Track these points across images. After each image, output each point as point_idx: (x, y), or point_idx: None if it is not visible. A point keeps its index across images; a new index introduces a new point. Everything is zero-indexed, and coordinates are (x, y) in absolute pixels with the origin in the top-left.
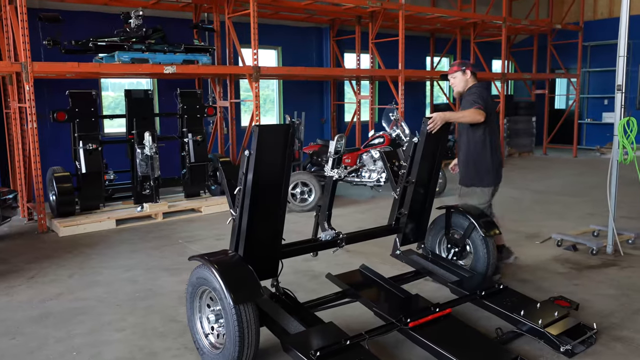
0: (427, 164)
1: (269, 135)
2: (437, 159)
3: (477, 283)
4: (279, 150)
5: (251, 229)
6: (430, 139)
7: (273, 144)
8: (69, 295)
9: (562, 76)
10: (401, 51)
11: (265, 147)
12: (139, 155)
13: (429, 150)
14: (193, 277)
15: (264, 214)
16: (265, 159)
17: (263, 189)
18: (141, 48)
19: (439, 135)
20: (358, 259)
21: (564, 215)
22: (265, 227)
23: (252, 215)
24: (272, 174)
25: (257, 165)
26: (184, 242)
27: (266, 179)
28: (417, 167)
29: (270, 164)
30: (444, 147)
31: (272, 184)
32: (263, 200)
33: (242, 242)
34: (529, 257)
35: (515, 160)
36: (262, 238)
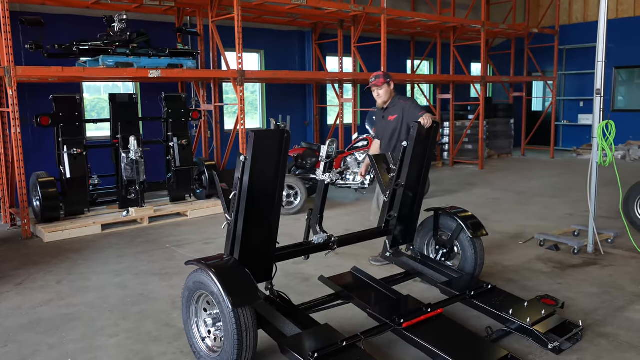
0: (416, 167)
1: (264, 140)
2: (426, 162)
3: (466, 283)
4: (273, 156)
5: (246, 233)
6: (420, 143)
7: (268, 150)
8: (59, 301)
9: (539, 79)
10: (383, 55)
11: (260, 153)
12: (124, 160)
13: (418, 154)
14: (190, 282)
15: (259, 219)
16: (261, 165)
17: (258, 194)
18: (125, 52)
19: (429, 139)
20: (348, 261)
21: (544, 215)
22: (260, 232)
23: (248, 220)
24: (267, 179)
25: (253, 171)
26: (171, 246)
27: (261, 184)
28: (406, 170)
29: (265, 170)
30: (433, 150)
31: (267, 189)
32: (258, 205)
33: (237, 246)
34: (514, 257)
35: (494, 162)
36: (257, 242)
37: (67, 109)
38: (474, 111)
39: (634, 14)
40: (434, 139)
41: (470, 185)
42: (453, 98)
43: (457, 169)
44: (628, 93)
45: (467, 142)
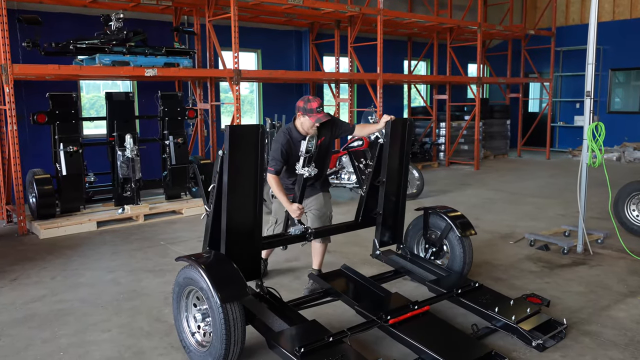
0: (395, 164)
1: (240, 134)
2: (404, 159)
3: (453, 281)
4: (251, 150)
5: (230, 229)
6: (395, 140)
7: (245, 144)
8: (52, 297)
9: (536, 80)
10: (379, 55)
11: (238, 147)
12: (120, 158)
13: (395, 150)
14: (180, 277)
15: (241, 214)
16: (239, 159)
17: (238, 188)
18: (122, 51)
19: (403, 137)
20: (339, 259)
21: (536, 216)
22: (245, 227)
23: (231, 215)
24: (246, 174)
25: (231, 165)
26: (166, 243)
27: (241, 178)
28: (385, 167)
29: (244, 164)
30: (409, 148)
31: (246, 183)
32: (239, 200)
33: (223, 242)
34: (503, 256)
35: (490, 163)
36: (243, 238)
37: (63, 107)
38: (470, 112)
39: (630, 16)
40: (409, 138)
41: (465, 186)
42: (449, 99)
43: (452, 169)
44: (624, 95)
45: (463, 143)
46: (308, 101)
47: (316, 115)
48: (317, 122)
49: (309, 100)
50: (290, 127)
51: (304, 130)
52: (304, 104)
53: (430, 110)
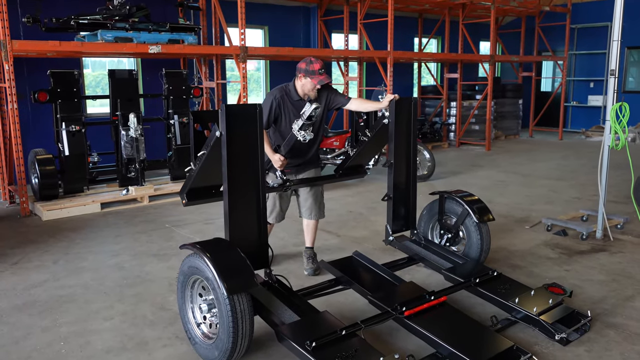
0: (402, 146)
1: (237, 115)
2: (412, 140)
3: (470, 270)
4: (250, 130)
5: (233, 215)
6: (400, 120)
7: (243, 124)
8: (54, 282)
9: (550, 58)
10: (390, 32)
11: (235, 128)
12: (123, 137)
13: (401, 131)
14: (184, 266)
15: (244, 199)
16: (238, 140)
17: (239, 172)
18: (125, 27)
19: (409, 117)
20: (350, 245)
21: (551, 199)
22: (248, 213)
23: (233, 201)
24: (247, 157)
25: (230, 148)
26: (171, 226)
27: (241, 162)
28: (392, 149)
29: (243, 146)
30: (416, 129)
31: (248, 166)
32: (241, 184)
33: (226, 230)
34: (520, 242)
35: (501, 143)
36: (246, 225)
37: (65, 85)
38: (481, 91)
39: None
40: (415, 116)
41: (476, 167)
42: (461, 77)
43: (463, 150)
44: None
45: (474, 123)
46: (310, 62)
47: (318, 77)
48: (320, 83)
49: (311, 62)
50: (289, 86)
51: (304, 93)
52: (305, 65)
53: (441, 89)
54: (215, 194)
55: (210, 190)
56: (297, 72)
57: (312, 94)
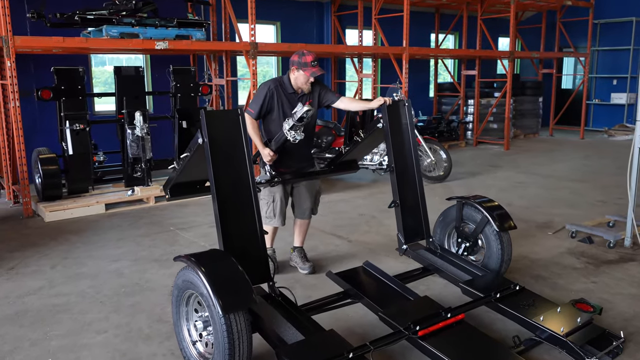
0: (402, 150)
1: (218, 120)
2: (412, 143)
3: (491, 283)
4: (234, 136)
5: (227, 225)
6: (396, 124)
7: (226, 130)
8: (49, 289)
9: (571, 55)
10: (406, 27)
11: (218, 134)
12: (129, 136)
13: (398, 134)
14: (179, 280)
15: (237, 208)
16: (223, 146)
17: (228, 180)
18: (131, 22)
19: (405, 120)
20: (360, 251)
21: (574, 202)
22: (242, 221)
23: (224, 210)
24: (234, 162)
25: (215, 155)
26: (175, 229)
27: (229, 168)
28: (391, 153)
29: (229, 151)
30: (414, 131)
31: (236, 172)
32: (231, 192)
33: (220, 240)
34: (542, 249)
35: (520, 142)
36: (242, 235)
37: (69, 82)
38: (500, 88)
39: None
40: (409, 120)
41: (495, 167)
42: (479, 74)
43: (480, 149)
44: None
45: (492, 121)
46: (302, 55)
47: (311, 69)
48: (312, 75)
49: (304, 54)
50: (284, 78)
51: (298, 86)
52: (298, 57)
53: (458, 87)
54: (200, 189)
55: (194, 186)
56: (290, 64)
57: (306, 87)
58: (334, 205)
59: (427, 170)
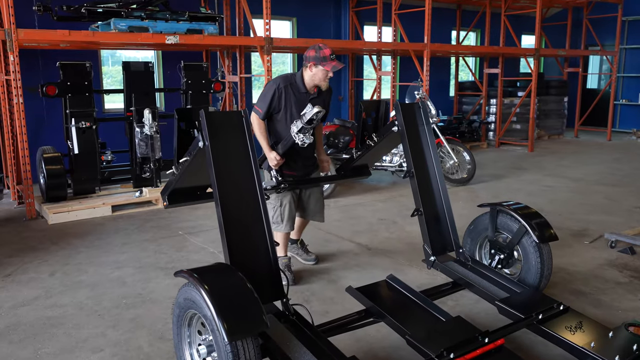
0: (420, 153)
1: (220, 123)
2: (429, 146)
3: (531, 301)
4: (238, 139)
5: (233, 237)
6: (411, 125)
7: (229, 133)
8: (46, 299)
9: (599, 53)
10: (427, 23)
11: (220, 138)
12: (138, 135)
13: (415, 137)
14: (180, 297)
15: (244, 217)
16: (225, 151)
17: (231, 186)
18: (140, 15)
19: (416, 120)
20: (381, 259)
21: (609, 208)
22: (250, 232)
23: (231, 220)
24: (239, 169)
25: (217, 160)
26: (184, 233)
27: (233, 175)
28: (409, 157)
29: (232, 156)
30: (431, 132)
31: (242, 179)
32: (237, 200)
33: (226, 253)
34: (580, 261)
35: (545, 144)
36: (251, 246)
37: (75, 78)
38: (523, 88)
39: None
40: (426, 119)
41: (520, 170)
42: (502, 72)
43: (503, 151)
44: None
45: (515, 122)
46: (319, 48)
47: (330, 63)
48: (333, 70)
49: (320, 48)
50: (295, 76)
51: (314, 83)
52: (315, 52)
53: (480, 86)
54: (201, 195)
55: (195, 192)
56: (305, 61)
57: (324, 84)
58: (352, 209)
59: (450, 173)
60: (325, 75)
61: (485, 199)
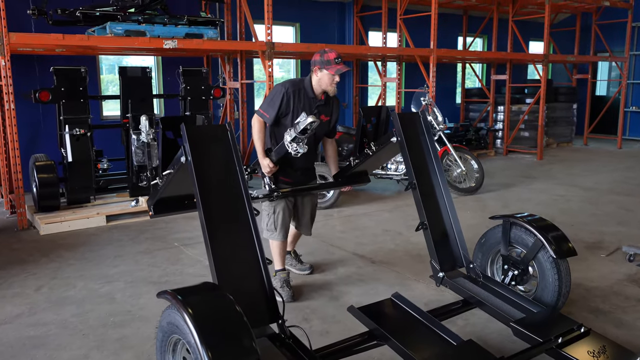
0: (421, 164)
1: (203, 137)
2: (432, 156)
3: (549, 323)
4: (222, 153)
5: (220, 256)
6: (411, 135)
7: (212, 147)
8: (29, 316)
9: (608, 59)
10: (433, 28)
11: (203, 152)
12: (134, 142)
13: (415, 147)
14: (163, 321)
15: (231, 233)
16: (209, 166)
17: (217, 202)
18: (138, 19)
19: (417, 130)
20: (386, 274)
21: (624, 219)
22: (239, 250)
23: (214, 235)
24: (224, 183)
25: (200, 176)
26: (180, 245)
27: (218, 190)
28: (410, 167)
29: (216, 171)
30: (432, 141)
31: (227, 194)
32: (223, 217)
33: (214, 274)
34: (597, 276)
35: (554, 152)
36: (242, 266)
37: (70, 84)
38: (531, 94)
39: None
40: (427, 128)
41: (529, 179)
42: (510, 79)
43: (511, 159)
44: None
45: (523, 129)
46: (324, 52)
47: (335, 66)
48: (337, 73)
49: (325, 52)
50: (305, 81)
51: (322, 88)
52: (320, 56)
53: (487, 92)
54: (188, 205)
55: (182, 201)
56: (311, 65)
57: (331, 88)
58: (356, 219)
59: (457, 182)
60: (331, 79)
61: (494, 208)
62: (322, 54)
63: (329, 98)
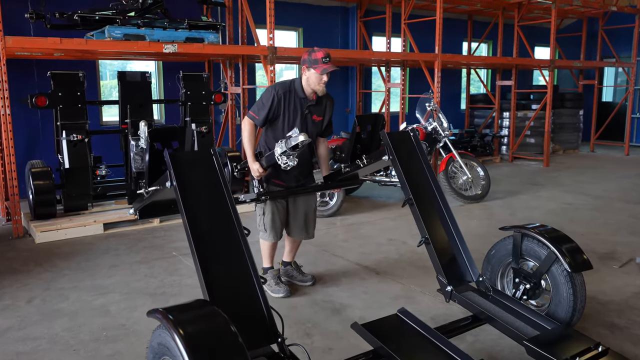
0: (418, 179)
1: (188, 163)
2: (425, 170)
3: (564, 341)
4: (210, 179)
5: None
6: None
7: (199, 173)
8: (18, 330)
9: (615, 64)
10: (438, 32)
11: (190, 179)
12: (133, 148)
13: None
14: (154, 341)
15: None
16: (196, 193)
17: (204, 222)
18: (137, 23)
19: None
20: (390, 286)
21: (635, 228)
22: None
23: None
24: (211, 207)
25: (187, 203)
26: (178, 254)
27: (205, 211)
28: (405, 185)
29: (203, 196)
30: (423, 156)
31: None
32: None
33: (205, 293)
34: (611, 289)
35: (560, 158)
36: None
37: (67, 88)
38: (537, 100)
39: None
40: (419, 147)
41: (536, 186)
42: (515, 85)
43: (517, 165)
44: None
45: (529, 136)
46: (313, 51)
47: (322, 65)
48: (324, 72)
49: (314, 50)
50: (295, 82)
51: (311, 88)
52: (308, 55)
53: (492, 98)
54: (174, 209)
55: (168, 205)
56: (300, 64)
57: (319, 88)
58: (359, 228)
59: (463, 189)
60: (319, 78)
61: (501, 217)
62: (310, 53)
63: (321, 97)
